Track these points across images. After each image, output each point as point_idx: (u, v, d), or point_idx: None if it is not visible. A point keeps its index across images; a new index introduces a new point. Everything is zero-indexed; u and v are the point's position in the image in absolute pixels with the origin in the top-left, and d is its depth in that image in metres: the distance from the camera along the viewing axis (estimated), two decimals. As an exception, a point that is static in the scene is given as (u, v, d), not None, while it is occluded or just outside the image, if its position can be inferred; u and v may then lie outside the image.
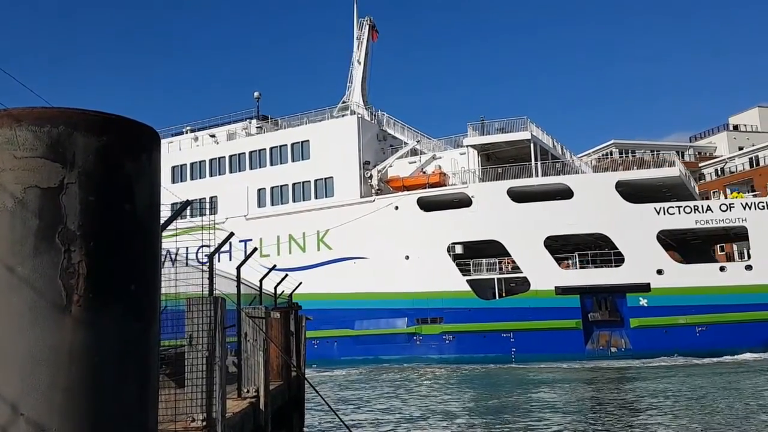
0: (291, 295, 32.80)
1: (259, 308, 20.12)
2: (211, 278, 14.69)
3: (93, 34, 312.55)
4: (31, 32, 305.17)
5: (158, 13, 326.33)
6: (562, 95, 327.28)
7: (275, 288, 28.18)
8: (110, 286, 3.43)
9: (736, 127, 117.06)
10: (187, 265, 14.41)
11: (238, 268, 19.01)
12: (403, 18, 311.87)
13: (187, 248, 16.97)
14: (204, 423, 12.38)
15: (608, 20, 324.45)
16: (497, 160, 75.23)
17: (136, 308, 3.53)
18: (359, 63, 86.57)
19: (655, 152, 77.36)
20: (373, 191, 75.67)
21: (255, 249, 22.33)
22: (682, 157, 73.90)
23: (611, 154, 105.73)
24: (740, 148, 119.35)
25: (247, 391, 18.28)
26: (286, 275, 29.08)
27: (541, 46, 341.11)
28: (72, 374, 3.27)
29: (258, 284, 24.32)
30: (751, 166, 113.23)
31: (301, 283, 36.42)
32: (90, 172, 3.45)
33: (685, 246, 70.65)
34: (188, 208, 12.21)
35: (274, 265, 25.17)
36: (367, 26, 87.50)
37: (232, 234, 16.56)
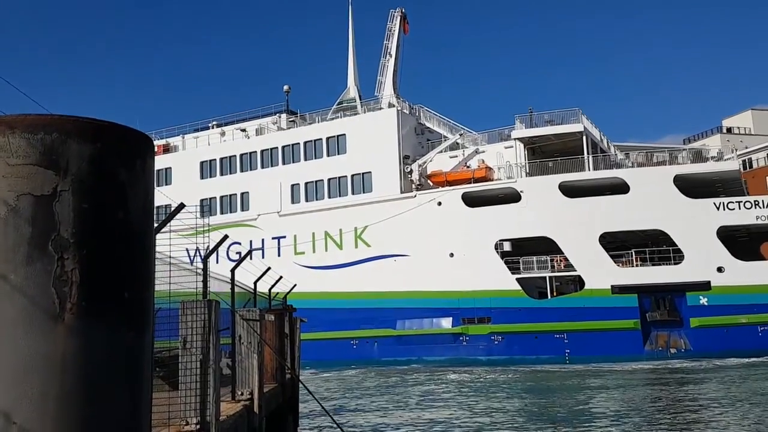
0: (285, 296, 33.30)
1: (254, 310, 20.43)
2: (205, 281, 14.97)
3: (106, 31, 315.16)
4: (42, 30, 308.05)
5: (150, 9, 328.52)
6: (554, 97, 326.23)
7: (270, 289, 28.79)
8: (103, 294, 3.55)
9: (729, 130, 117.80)
10: (177, 264, 14.69)
11: (233, 271, 19.38)
12: (432, 9, 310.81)
13: (196, 249, 17.16)
14: (198, 426, 12.66)
15: (601, 23, 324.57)
16: (542, 154, 74.96)
17: (129, 316, 3.66)
18: (390, 55, 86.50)
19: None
20: (414, 186, 75.64)
21: (249, 251, 22.65)
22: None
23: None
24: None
25: (241, 394, 18.58)
26: (281, 277, 29.55)
27: (534, 47, 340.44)
28: (65, 382, 3.38)
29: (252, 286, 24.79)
30: (744, 168, 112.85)
31: (295, 285, 36.76)
32: (83, 180, 3.56)
33: (732, 244, 70.16)
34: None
35: (269, 268, 25.64)
36: (399, 17, 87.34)
37: (226, 236, 16.86)
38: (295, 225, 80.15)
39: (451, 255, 71.29)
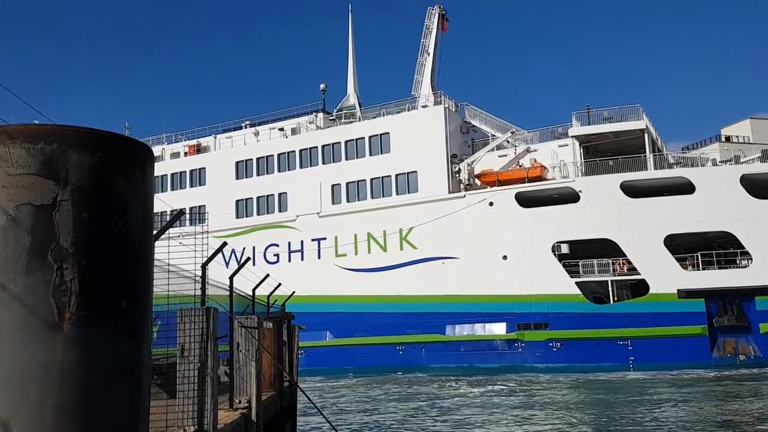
0: (284, 304, 33.97)
1: (252, 318, 20.90)
2: (203, 289, 15.28)
3: (122, 37, 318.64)
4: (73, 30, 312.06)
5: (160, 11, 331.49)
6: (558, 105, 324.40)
7: (268, 297, 29.56)
8: (102, 304, 3.73)
9: (728, 139, 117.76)
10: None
11: (231, 278, 19.74)
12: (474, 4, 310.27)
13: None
14: None
15: (600, 30, 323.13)
16: (596, 153, 74.67)
17: (128, 325, 3.85)
18: (428, 53, 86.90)
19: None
20: (462, 186, 75.56)
21: (248, 258, 22.99)
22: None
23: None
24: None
25: (239, 402, 19.18)
26: (280, 284, 30.14)
27: (530, 48, 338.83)
28: (63, 392, 3.56)
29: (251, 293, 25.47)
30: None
31: (294, 292, 37.26)
32: (83, 190, 3.75)
33: None
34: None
35: (267, 275, 26.13)
36: (437, 15, 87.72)
37: (225, 244, 17.15)
38: (336, 226, 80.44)
39: (504, 257, 71.07)
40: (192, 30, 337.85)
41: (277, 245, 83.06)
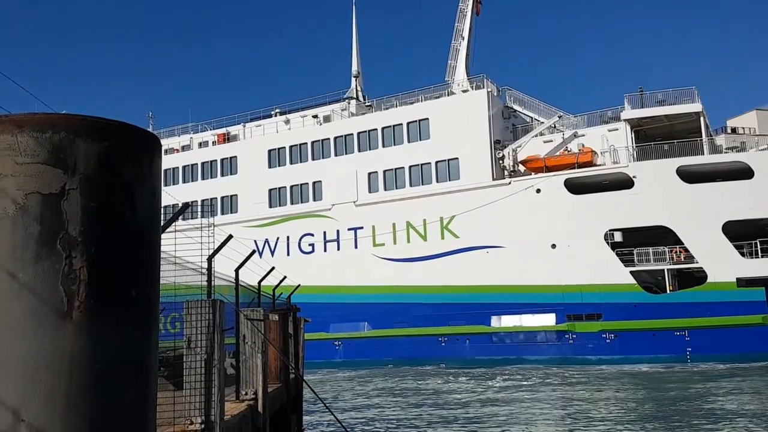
0: (289, 296, 34.48)
1: (258, 310, 21.42)
2: (209, 281, 15.56)
3: (142, 29, 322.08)
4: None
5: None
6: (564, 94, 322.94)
7: (274, 289, 29.91)
8: (111, 292, 3.90)
9: (734, 130, 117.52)
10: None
11: (237, 270, 20.02)
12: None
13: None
14: (202, 426, 13.57)
15: (604, 21, 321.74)
16: (646, 138, 74.30)
17: (136, 314, 4.01)
18: (462, 38, 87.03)
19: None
20: (507, 173, 75.46)
21: (254, 251, 23.28)
22: None
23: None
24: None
25: (246, 394, 19.81)
26: (285, 277, 30.56)
27: (535, 43, 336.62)
28: (73, 380, 3.74)
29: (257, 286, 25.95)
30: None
31: (299, 285, 37.68)
32: (91, 178, 3.91)
33: None
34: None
35: (273, 267, 26.52)
36: None
37: (230, 237, 17.34)
38: (373, 215, 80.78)
39: (553, 246, 70.90)
40: (203, 26, 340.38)
41: (312, 235, 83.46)
